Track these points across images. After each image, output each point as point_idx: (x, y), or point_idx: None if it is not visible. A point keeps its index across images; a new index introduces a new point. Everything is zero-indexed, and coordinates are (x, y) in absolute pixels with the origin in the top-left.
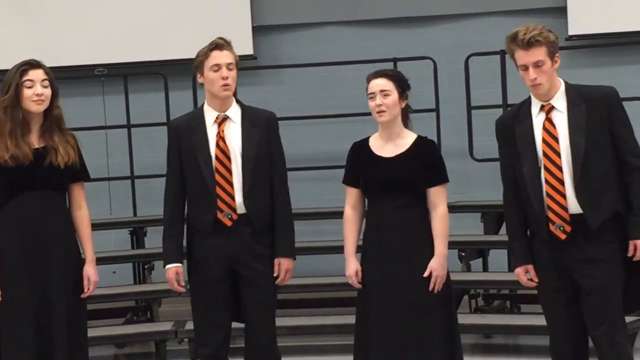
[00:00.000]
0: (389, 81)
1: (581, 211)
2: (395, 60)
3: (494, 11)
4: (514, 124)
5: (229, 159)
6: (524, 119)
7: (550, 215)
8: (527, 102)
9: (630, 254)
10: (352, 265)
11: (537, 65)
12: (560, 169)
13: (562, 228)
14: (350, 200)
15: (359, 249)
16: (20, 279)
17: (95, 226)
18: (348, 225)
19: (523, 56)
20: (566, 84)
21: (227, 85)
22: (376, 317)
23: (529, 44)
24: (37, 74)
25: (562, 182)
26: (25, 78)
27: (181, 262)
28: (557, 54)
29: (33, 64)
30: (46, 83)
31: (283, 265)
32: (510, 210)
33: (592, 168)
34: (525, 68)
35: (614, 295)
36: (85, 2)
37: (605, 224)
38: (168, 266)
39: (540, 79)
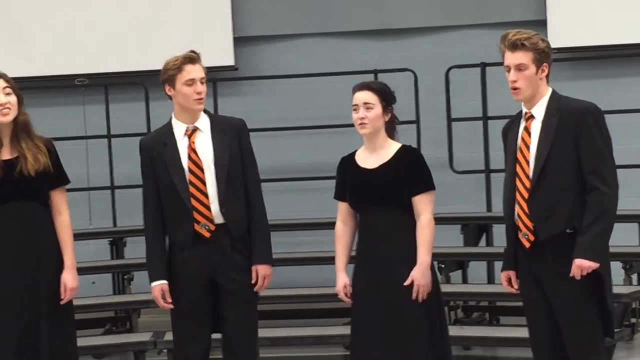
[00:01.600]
0: (373, 94)
1: None
2: (375, 72)
3: (474, 24)
4: (507, 131)
5: (201, 170)
6: (515, 126)
7: (518, 222)
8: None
9: (571, 273)
10: (340, 280)
11: (519, 68)
12: (528, 177)
13: (526, 237)
14: (341, 215)
15: (352, 259)
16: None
17: (75, 236)
18: (338, 239)
19: (508, 57)
20: (552, 93)
21: (201, 99)
22: (366, 328)
23: (514, 46)
24: None
25: (528, 190)
26: None
27: (166, 279)
28: (545, 63)
29: None
30: (8, 90)
31: (260, 272)
32: (505, 215)
33: (549, 180)
34: (509, 69)
35: (582, 313)
36: (66, 12)
37: (569, 240)
38: (153, 284)
39: (520, 83)
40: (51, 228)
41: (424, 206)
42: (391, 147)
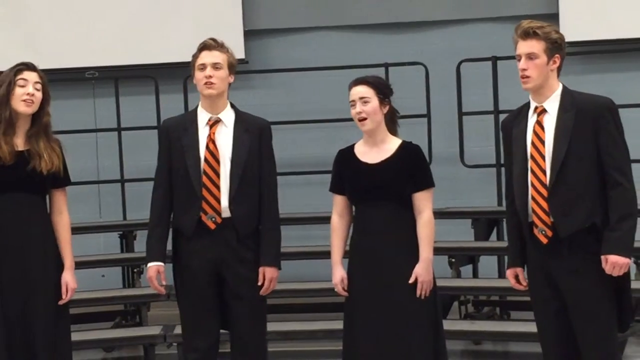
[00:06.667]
0: (368, 88)
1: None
2: (386, 66)
3: (486, 17)
4: (512, 125)
5: (217, 162)
6: (522, 120)
7: (534, 218)
8: (528, 104)
9: (607, 270)
10: (337, 273)
11: (530, 57)
12: (544, 172)
13: (544, 232)
14: (337, 208)
15: (346, 254)
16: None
17: (85, 229)
18: (335, 233)
19: (519, 45)
20: (564, 88)
21: (209, 83)
22: (363, 323)
23: (526, 34)
24: (31, 76)
25: (545, 186)
26: (19, 77)
27: (163, 262)
28: (557, 55)
29: (29, 66)
30: (38, 86)
31: (267, 275)
32: (509, 211)
33: (569, 176)
34: (520, 58)
35: (600, 309)
36: (77, 5)
37: (588, 235)
38: (150, 264)
39: (530, 72)
40: (50, 224)
41: (425, 203)
42: (392, 143)
